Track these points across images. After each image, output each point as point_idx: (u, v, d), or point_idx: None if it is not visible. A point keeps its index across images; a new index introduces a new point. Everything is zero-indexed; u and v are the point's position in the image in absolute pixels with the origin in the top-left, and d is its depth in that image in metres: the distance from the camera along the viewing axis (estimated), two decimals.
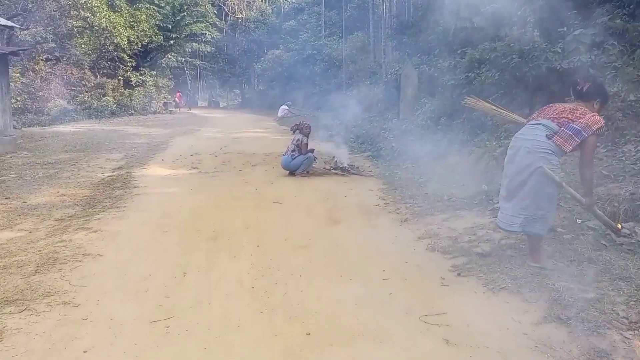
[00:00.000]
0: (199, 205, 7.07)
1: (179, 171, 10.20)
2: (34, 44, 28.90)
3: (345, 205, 7.04)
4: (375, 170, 10.18)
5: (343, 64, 24.28)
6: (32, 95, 27.20)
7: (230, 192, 8.01)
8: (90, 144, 14.83)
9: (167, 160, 11.49)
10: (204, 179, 9.23)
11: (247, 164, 10.97)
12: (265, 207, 7.00)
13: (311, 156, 9.39)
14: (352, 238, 5.47)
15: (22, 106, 27.32)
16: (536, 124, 4.10)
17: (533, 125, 4.14)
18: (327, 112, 22.35)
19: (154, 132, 18.39)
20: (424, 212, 6.20)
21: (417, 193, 7.28)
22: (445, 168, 9.45)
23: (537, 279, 3.83)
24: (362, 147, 13.00)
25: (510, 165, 4.20)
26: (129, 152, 13.23)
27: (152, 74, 32.28)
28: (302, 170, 9.30)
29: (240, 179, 9.26)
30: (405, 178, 8.96)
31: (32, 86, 27.13)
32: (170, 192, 8.07)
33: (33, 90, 27.12)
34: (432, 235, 5.31)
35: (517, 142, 4.18)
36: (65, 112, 25.98)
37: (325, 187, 8.32)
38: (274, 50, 33.75)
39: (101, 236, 5.56)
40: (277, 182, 8.85)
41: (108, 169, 10.63)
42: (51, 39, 29.35)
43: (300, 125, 9.63)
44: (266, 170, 10.12)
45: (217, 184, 8.78)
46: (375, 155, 11.69)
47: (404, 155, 11.07)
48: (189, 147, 13.97)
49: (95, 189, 8.50)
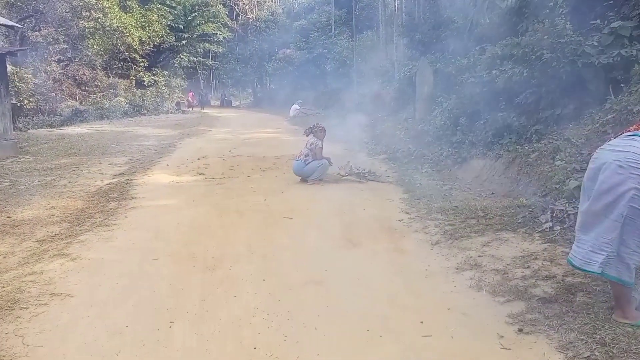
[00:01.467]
0: (199, 222, 6.03)
1: (183, 178, 9.19)
2: (45, 45, 28.08)
3: (364, 220, 5.96)
4: (392, 175, 9.09)
5: (354, 63, 23.14)
6: (45, 96, 26.37)
7: (235, 204, 6.97)
8: (96, 146, 13.88)
9: (172, 165, 10.48)
10: (209, 188, 8.20)
11: (257, 169, 9.93)
12: (274, 223, 5.94)
13: (326, 162, 8.31)
14: (376, 269, 4.40)
15: (35, 107, 26.54)
16: (634, 135, 3.00)
17: (630, 136, 3.03)
18: (338, 111, 21.26)
19: (163, 133, 17.41)
20: (457, 232, 5.10)
21: (445, 206, 6.18)
22: (469, 173, 8.35)
23: (634, 344, 2.75)
24: (376, 149, 11.91)
25: (591, 184, 3.09)
26: (135, 155, 12.25)
27: (165, 74, 31.35)
28: (315, 177, 8.23)
29: (248, 186, 8.23)
30: (427, 185, 7.87)
31: (44, 87, 26.30)
32: (169, 204, 7.05)
33: (45, 91, 26.29)
34: (473, 266, 4.22)
35: (604, 154, 3.06)
36: (77, 113, 25.11)
37: (340, 197, 7.26)
38: (284, 49, 32.64)
39: (79, 266, 4.53)
40: (288, 191, 7.80)
41: (108, 175, 9.65)
42: (63, 40, 28.49)
43: (314, 128, 8.54)
44: (276, 177, 9.07)
45: (223, 193, 7.74)
46: (392, 158, 10.59)
47: (422, 158, 9.97)
48: (197, 149, 12.96)
49: (90, 200, 7.51)
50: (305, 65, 27.77)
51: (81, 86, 28.26)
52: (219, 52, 38.79)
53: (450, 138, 10.09)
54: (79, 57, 29.67)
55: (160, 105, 27.86)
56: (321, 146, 8.36)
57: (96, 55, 29.73)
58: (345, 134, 15.01)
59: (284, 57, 31.11)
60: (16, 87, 25.16)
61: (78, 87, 28.18)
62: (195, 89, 37.22)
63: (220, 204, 7.00)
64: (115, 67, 30.64)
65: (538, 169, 6.69)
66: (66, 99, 26.62)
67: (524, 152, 7.25)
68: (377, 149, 11.83)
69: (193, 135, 16.30)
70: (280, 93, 33.11)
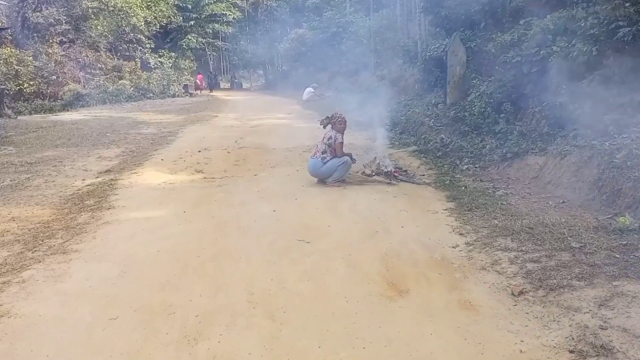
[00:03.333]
0: (185, 248, 4.52)
1: (178, 177, 7.68)
2: (46, 26, 26.58)
3: (407, 245, 4.40)
4: (427, 172, 7.50)
5: (371, 42, 21.34)
6: (46, 80, 24.94)
7: (237, 217, 5.44)
8: (88, 135, 12.42)
9: (167, 160, 8.97)
10: (207, 191, 6.68)
11: (265, 165, 8.40)
12: (286, 251, 4.41)
13: (348, 160, 6.71)
14: (438, 345, 2.85)
15: (37, 90, 25.13)
16: None
17: None
18: (355, 95, 19.57)
19: (165, 119, 15.89)
20: (548, 274, 3.50)
21: (513, 225, 4.59)
22: (525, 173, 6.73)
23: None
24: (402, 139, 10.29)
25: None
26: (129, 146, 10.76)
27: (172, 55, 29.72)
28: (335, 178, 6.66)
29: (254, 189, 6.70)
30: (474, 189, 6.28)
31: (45, 70, 24.86)
32: (153, 217, 5.54)
33: (47, 75, 24.85)
34: (596, 348, 2.66)
35: None
36: (78, 97, 23.66)
37: (369, 207, 5.70)
38: (297, 29, 30.79)
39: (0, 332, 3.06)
40: (302, 197, 6.24)
41: (93, 172, 8.18)
42: (65, 21, 26.98)
43: (333, 118, 6.92)
44: (288, 175, 7.52)
45: (222, 199, 6.22)
46: (423, 151, 8.97)
47: (459, 151, 8.35)
48: (199, 139, 11.44)
49: (60, 208, 6.03)
50: (319, 45, 25.94)
51: (84, 69, 26.78)
52: (229, 33, 37.01)
53: (491, 127, 8.45)
54: (81, 38, 28.14)
55: (167, 88, 26.28)
56: (341, 140, 6.77)
57: (100, 36, 28.20)
58: (365, 121, 13.39)
59: (296, 37, 29.28)
60: (14, 70, 23.79)
61: (81, 69, 26.70)
62: (204, 71, 35.54)
63: (218, 217, 5.48)
64: (120, 49, 29.11)
65: (628, 173, 5.07)
66: (68, 82, 25.16)
67: (605, 149, 5.62)
68: (404, 139, 10.21)
69: (197, 122, 14.74)
70: (292, 75, 31.37)
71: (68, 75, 25.71)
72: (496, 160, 7.33)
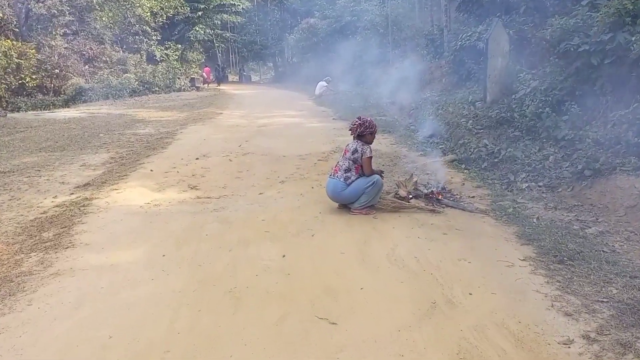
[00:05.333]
0: (149, 334, 2.93)
1: (166, 195, 6.10)
2: (49, 18, 25.05)
3: (486, 338, 2.77)
4: (478, 192, 5.84)
5: (388, 32, 19.56)
6: (49, 73, 23.47)
7: (232, 269, 3.84)
8: (80, 136, 10.89)
9: (158, 171, 7.39)
10: (198, 219, 5.09)
11: (273, 178, 6.79)
12: (300, 337, 2.80)
13: (379, 181, 5.05)
14: None
15: (41, 84, 23.67)
16: None
17: None
18: (371, 90, 17.83)
19: (166, 117, 14.31)
20: None
21: None
22: (617, 199, 4.98)
23: None
24: (436, 145, 8.59)
25: None
26: (120, 150, 9.21)
27: (178, 47, 28.10)
28: (362, 204, 5.02)
29: (258, 218, 5.09)
30: (551, 221, 4.62)
31: (48, 63, 23.39)
32: (119, 266, 3.95)
33: (50, 68, 23.38)
34: None
35: None
36: (81, 92, 22.17)
37: (412, 251, 4.07)
38: (308, 18, 28.98)
39: None
40: (321, 232, 4.61)
41: (70, 186, 6.65)
42: (68, 12, 25.42)
43: (363, 124, 5.15)
44: (302, 195, 5.90)
45: (215, 236, 4.61)
46: (464, 160, 7.29)
47: (512, 161, 6.66)
48: (198, 142, 9.85)
49: (10, 243, 4.51)
50: (332, 35, 24.18)
51: (88, 62, 25.30)
52: (238, 23, 35.26)
53: (552, 132, 6.76)
54: (86, 30, 26.64)
55: (172, 82, 24.68)
56: (370, 155, 5.10)
57: (104, 28, 26.66)
58: (387, 120, 11.72)
59: (307, 27, 27.48)
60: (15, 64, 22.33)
61: (85, 63, 25.21)
62: (212, 64, 33.84)
63: (206, 267, 3.89)
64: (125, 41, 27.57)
65: None
66: (72, 76, 23.68)
67: None
68: (438, 144, 8.52)
69: (199, 121, 13.13)
70: (303, 67, 29.62)
71: (71, 68, 24.24)
72: (568, 178, 5.65)
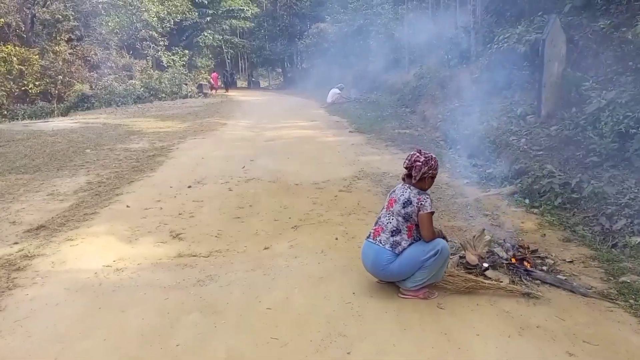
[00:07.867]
0: None
1: (136, 250, 4.27)
2: (54, 23, 23.37)
3: None
4: (572, 251, 3.97)
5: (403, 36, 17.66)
6: (53, 80, 21.80)
7: None
8: (62, 153, 9.11)
9: (137, 207, 5.56)
10: (172, 304, 3.25)
11: (284, 219, 4.96)
12: None
13: (445, 248, 3.16)
14: None
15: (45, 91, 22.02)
16: None
17: None
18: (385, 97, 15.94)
19: (165, 128, 12.50)
20: None
21: None
22: None
23: None
24: (482, 170, 6.68)
25: None
26: (102, 172, 7.41)
27: (185, 53, 26.32)
28: (419, 284, 3.15)
29: (261, 306, 3.24)
30: None
31: (52, 69, 21.72)
32: None
33: (53, 74, 21.72)
34: None
35: None
36: (83, 99, 20.48)
37: None
38: (318, 23, 27.13)
39: None
40: (359, 345, 2.75)
41: (19, 229, 4.89)
42: (73, 17, 23.74)
43: (426, 163, 3.20)
44: (323, 254, 4.05)
45: (192, 344, 2.76)
46: (527, 193, 5.40)
47: (599, 199, 4.77)
48: (195, 162, 8.03)
49: None
50: (343, 40, 22.33)
51: (93, 68, 23.60)
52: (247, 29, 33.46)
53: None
54: (91, 35, 24.93)
55: (179, 88, 22.91)
56: (432, 210, 3.19)
57: (110, 33, 24.93)
58: (412, 134, 9.83)
59: (318, 32, 25.63)
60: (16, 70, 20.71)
61: (90, 69, 23.51)
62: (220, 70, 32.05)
63: None
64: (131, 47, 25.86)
65: None
66: (76, 82, 22.00)
67: None
68: (485, 169, 6.62)
69: (200, 133, 11.29)
70: (312, 73, 27.76)
71: (76, 75, 22.56)
72: None
